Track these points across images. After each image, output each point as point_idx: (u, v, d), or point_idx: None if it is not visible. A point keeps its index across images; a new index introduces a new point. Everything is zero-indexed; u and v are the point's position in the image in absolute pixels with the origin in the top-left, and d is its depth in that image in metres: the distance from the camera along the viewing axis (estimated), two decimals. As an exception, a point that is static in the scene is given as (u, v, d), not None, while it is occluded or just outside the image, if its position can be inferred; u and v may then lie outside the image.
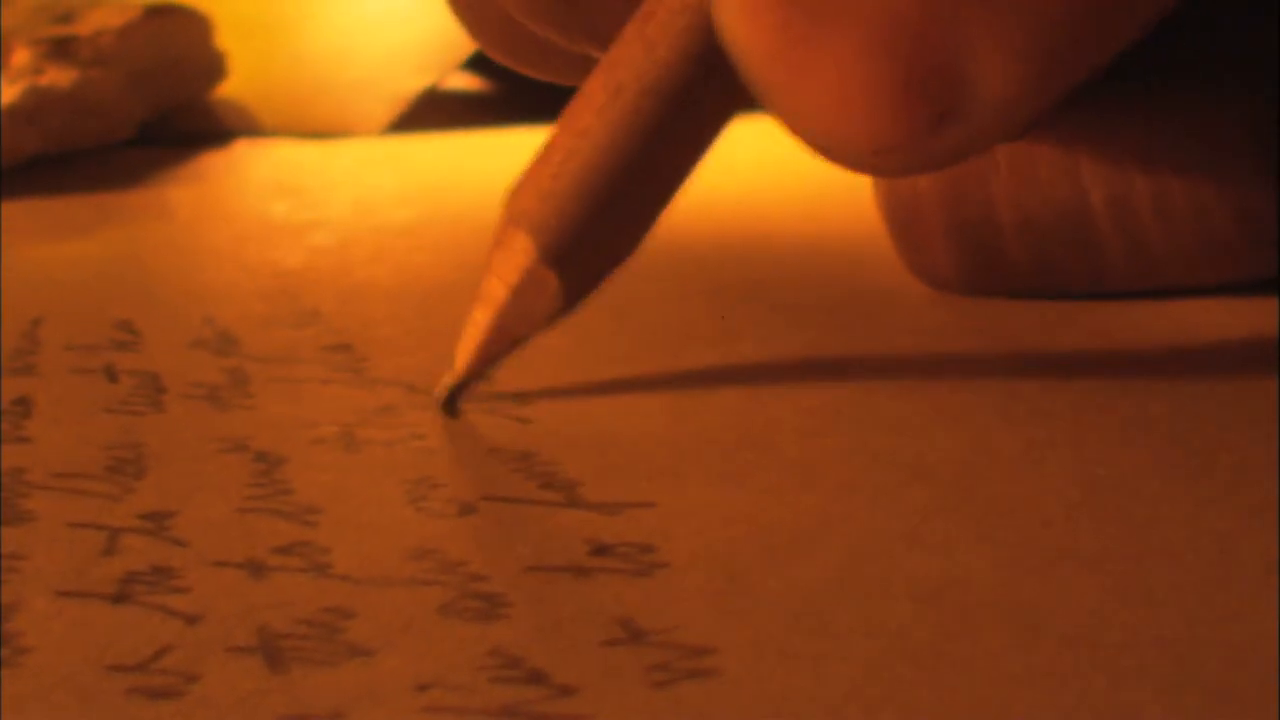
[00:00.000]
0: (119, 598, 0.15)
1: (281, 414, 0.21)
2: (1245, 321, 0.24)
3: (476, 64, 0.50)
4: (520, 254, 0.20)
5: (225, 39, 0.49)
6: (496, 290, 0.21)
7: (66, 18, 0.46)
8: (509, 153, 0.23)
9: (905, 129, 0.19)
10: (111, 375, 0.23)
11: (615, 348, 0.24)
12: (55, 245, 0.33)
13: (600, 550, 0.16)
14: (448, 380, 0.21)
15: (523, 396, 0.21)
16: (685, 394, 0.22)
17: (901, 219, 0.26)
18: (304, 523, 0.17)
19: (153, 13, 0.46)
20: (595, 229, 0.20)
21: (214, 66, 0.49)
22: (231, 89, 0.49)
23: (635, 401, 0.21)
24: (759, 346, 0.24)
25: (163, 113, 0.46)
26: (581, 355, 0.24)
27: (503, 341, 0.21)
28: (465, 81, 0.54)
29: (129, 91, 0.44)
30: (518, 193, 0.21)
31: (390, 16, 0.50)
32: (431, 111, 0.48)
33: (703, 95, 0.20)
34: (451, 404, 0.21)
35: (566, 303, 0.21)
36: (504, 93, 0.49)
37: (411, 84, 0.48)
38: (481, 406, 0.21)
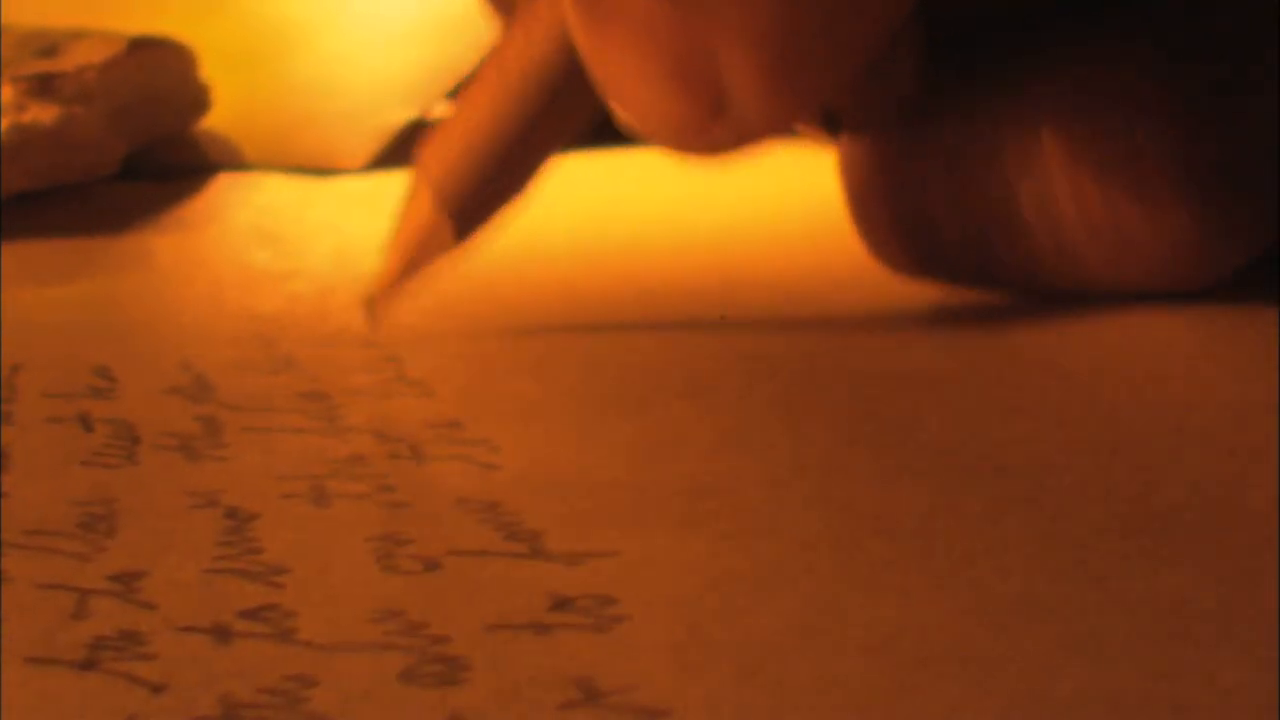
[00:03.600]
0: (86, 665, 0.15)
1: (253, 465, 0.21)
2: (1196, 339, 0.24)
3: (461, 95, 0.50)
4: (423, 201, 0.26)
5: (209, 71, 0.49)
6: (406, 230, 0.26)
7: (50, 51, 0.46)
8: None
9: (685, 114, 0.21)
10: (87, 424, 0.23)
11: (584, 393, 0.24)
12: (37, 290, 0.34)
13: (561, 604, 0.16)
14: (368, 294, 0.27)
15: (492, 442, 0.22)
16: (652, 440, 0.22)
17: (860, 210, 0.27)
18: (271, 584, 0.17)
19: (136, 46, 0.46)
20: (479, 185, 0.26)
21: (198, 99, 0.49)
22: (215, 121, 0.49)
23: (601, 447, 0.22)
24: (726, 394, 0.24)
25: (146, 146, 0.46)
26: (550, 400, 0.24)
27: (409, 268, 0.26)
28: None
29: (112, 127, 0.44)
30: (424, 151, 0.26)
31: (375, 49, 0.50)
32: (418, 144, 0.48)
33: (570, 82, 0.24)
34: (371, 311, 0.27)
35: (457, 240, 0.26)
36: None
37: (397, 116, 0.48)
38: (453, 452, 0.22)
